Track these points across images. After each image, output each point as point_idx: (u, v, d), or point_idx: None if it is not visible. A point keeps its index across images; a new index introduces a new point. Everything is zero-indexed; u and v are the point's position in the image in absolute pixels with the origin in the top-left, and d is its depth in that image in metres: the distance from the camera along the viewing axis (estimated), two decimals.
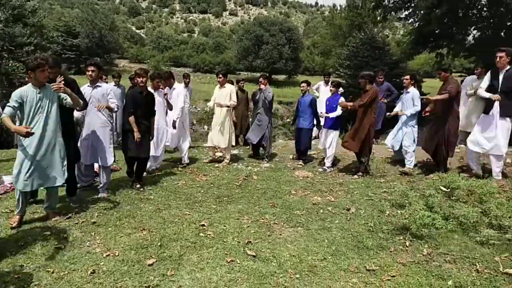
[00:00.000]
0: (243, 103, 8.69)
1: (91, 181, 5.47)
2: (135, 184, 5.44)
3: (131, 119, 5.19)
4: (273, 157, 7.72)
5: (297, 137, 7.42)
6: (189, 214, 4.42)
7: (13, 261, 3.20)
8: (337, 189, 5.54)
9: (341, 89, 7.03)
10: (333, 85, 6.86)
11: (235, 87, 8.74)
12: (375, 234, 3.85)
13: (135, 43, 62.17)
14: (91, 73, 4.85)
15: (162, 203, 4.84)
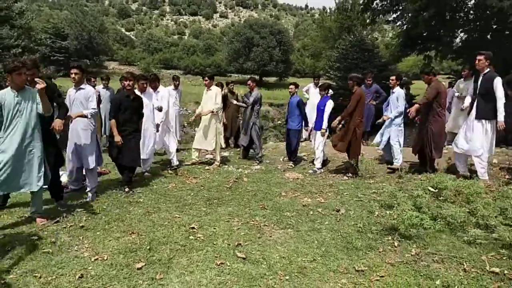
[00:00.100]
0: (233, 106, 8.62)
1: (81, 185, 5.42)
2: (124, 188, 5.41)
3: (112, 123, 5.26)
4: (264, 159, 7.73)
5: (287, 138, 7.48)
6: (179, 217, 4.40)
7: (0, 266, 3.15)
8: (327, 191, 5.57)
9: (331, 91, 7.08)
10: (322, 89, 6.90)
11: (225, 89, 8.74)
12: (364, 235, 3.88)
13: (125, 45, 61.56)
14: (75, 76, 4.86)
15: (152, 206, 4.81)
